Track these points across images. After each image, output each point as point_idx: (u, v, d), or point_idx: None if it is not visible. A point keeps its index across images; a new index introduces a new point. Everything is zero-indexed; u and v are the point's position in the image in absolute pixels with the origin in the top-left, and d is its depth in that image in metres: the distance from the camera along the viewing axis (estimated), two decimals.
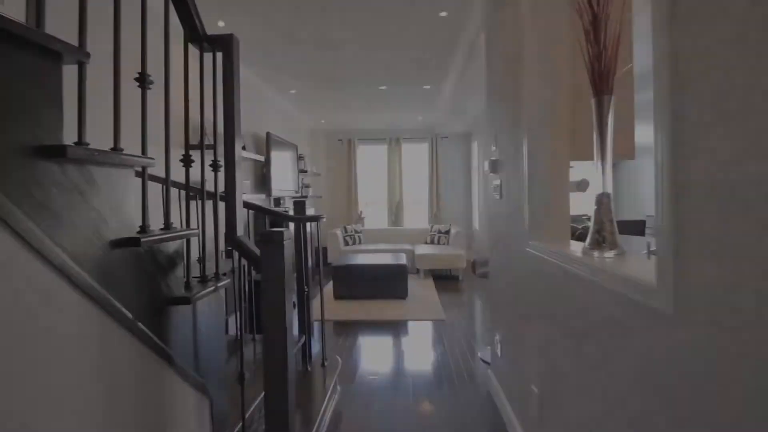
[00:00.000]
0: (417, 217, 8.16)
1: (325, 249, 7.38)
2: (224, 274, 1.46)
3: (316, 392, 2.34)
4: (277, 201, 5.23)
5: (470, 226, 7.92)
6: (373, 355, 3.26)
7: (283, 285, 1.35)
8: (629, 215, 6.88)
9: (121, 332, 0.99)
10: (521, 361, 1.92)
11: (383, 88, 5.33)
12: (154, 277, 1.14)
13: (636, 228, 4.51)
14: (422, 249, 6.32)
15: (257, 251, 1.40)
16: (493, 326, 2.58)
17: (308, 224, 2.62)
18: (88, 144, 0.93)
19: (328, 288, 5.44)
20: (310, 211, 5.76)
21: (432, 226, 7.13)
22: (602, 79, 1.23)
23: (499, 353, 2.34)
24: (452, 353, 3.25)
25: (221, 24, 3.38)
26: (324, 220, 2.60)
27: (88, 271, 0.88)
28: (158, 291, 1.14)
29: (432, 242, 6.98)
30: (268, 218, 4.11)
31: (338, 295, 4.87)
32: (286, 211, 4.72)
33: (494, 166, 2.37)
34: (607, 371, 1.09)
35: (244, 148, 4.13)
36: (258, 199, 4.67)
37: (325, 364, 2.59)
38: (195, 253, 2.43)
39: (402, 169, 7.94)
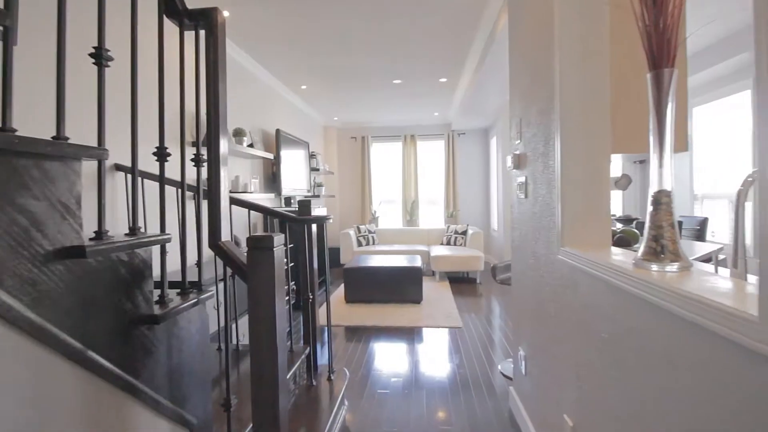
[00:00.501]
0: (432, 217, 7.91)
1: (337, 250, 7.21)
2: (205, 285, 1.27)
3: (321, 409, 2.14)
4: (288, 200, 5.07)
5: (488, 227, 7.63)
6: (385, 366, 3.05)
7: (272, 299, 1.15)
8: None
9: (65, 367, 0.80)
10: (551, 385, 1.68)
11: (397, 82, 5.11)
12: (116, 294, 0.95)
13: None
14: (438, 250, 6.08)
15: (245, 259, 1.21)
16: (515, 339, 2.33)
17: (314, 225, 2.43)
18: (14, 130, 0.75)
19: (339, 291, 5.25)
20: (320, 212, 5.59)
21: (448, 227, 6.88)
22: (662, 48, 0.99)
23: (523, 371, 2.10)
24: (470, 365, 3.01)
25: (226, 14, 3.22)
26: (331, 220, 2.40)
27: (13, 293, 0.69)
28: (121, 310, 0.96)
29: (448, 243, 6.73)
30: (277, 220, 3.96)
31: (350, 299, 4.68)
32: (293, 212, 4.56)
33: (518, 162, 2.13)
34: (667, 412, 0.85)
35: (251, 145, 3.98)
36: (267, 198, 4.51)
37: (332, 377, 2.39)
38: (191, 259, 2.25)
39: (417, 167, 7.71)
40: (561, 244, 1.50)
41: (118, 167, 2.36)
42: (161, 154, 1.20)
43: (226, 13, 3.20)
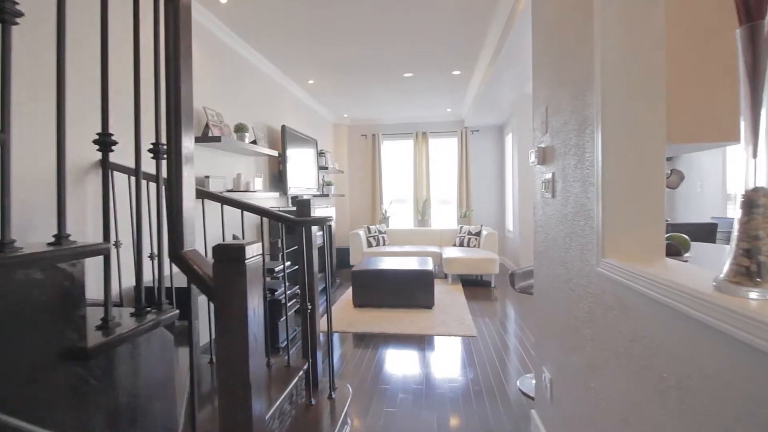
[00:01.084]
0: (445, 217, 7.64)
1: (347, 250, 7.00)
2: (170, 303, 1.05)
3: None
4: (295, 200, 4.86)
5: (503, 228, 7.33)
6: (393, 379, 2.81)
7: (245, 326, 0.92)
8: (685, 217, 6.10)
9: None
10: (586, 423, 1.42)
11: (409, 75, 4.86)
12: (27, 324, 0.73)
13: (701, 233, 3.83)
14: (450, 252, 5.81)
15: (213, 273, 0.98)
16: (538, 356, 2.07)
17: (314, 228, 2.20)
18: None
19: (348, 294, 5.03)
20: (329, 211, 5.37)
21: (461, 227, 6.60)
22: None
23: (548, 395, 1.83)
24: (485, 379, 2.75)
25: (223, 1, 3.01)
26: (332, 222, 2.17)
27: None
28: (35, 345, 0.74)
29: (461, 244, 6.45)
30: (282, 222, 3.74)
31: (358, 303, 4.45)
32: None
33: (543, 156, 1.86)
34: None
35: (254, 142, 3.78)
36: (272, 197, 4.31)
37: (333, 395, 2.16)
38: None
39: (429, 165, 7.45)
40: (602, 254, 1.24)
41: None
42: (104, 142, 0.97)
43: (223, 0, 2.99)
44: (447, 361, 3.07)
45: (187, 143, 1.07)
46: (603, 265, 1.23)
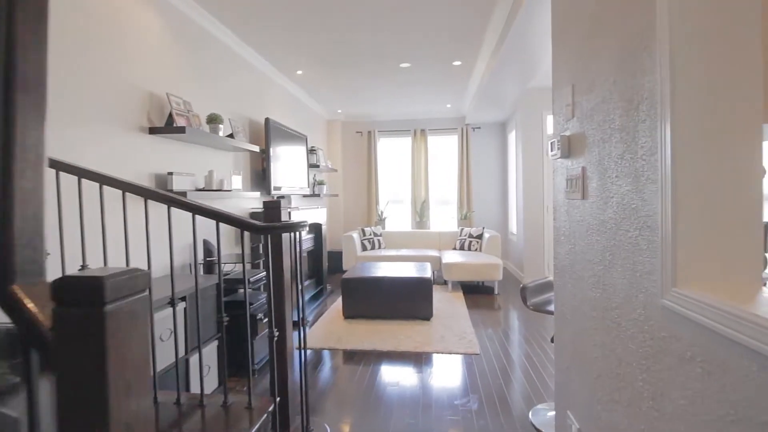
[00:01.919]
0: (444, 218, 7.25)
1: (339, 254, 6.61)
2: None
3: None
4: (266, 203, 4.47)
5: (506, 231, 6.95)
6: (384, 410, 2.43)
7: (103, 416, 0.53)
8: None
9: None
10: None
11: (405, 65, 4.47)
12: None
13: None
14: (450, 256, 5.43)
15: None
16: (561, 399, 1.68)
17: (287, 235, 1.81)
18: None
19: (338, 304, 4.64)
20: (320, 213, 4.99)
21: (462, 230, 6.22)
22: None
23: None
24: (491, 409, 2.36)
25: None
26: (306, 228, 1.78)
27: None
28: None
29: (462, 248, 6.07)
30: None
31: (348, 315, 4.06)
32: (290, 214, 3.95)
33: (568, 147, 1.48)
34: None
35: (231, 135, 3.39)
36: (253, 197, 3.92)
37: None
38: None
39: (428, 164, 7.06)
40: (672, 281, 0.85)
41: None
42: None
43: None
44: (447, 386, 2.69)
45: (34, 132, 0.68)
46: (674, 297, 0.84)
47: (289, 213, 3.96)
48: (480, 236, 5.98)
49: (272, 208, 1.80)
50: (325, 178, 6.71)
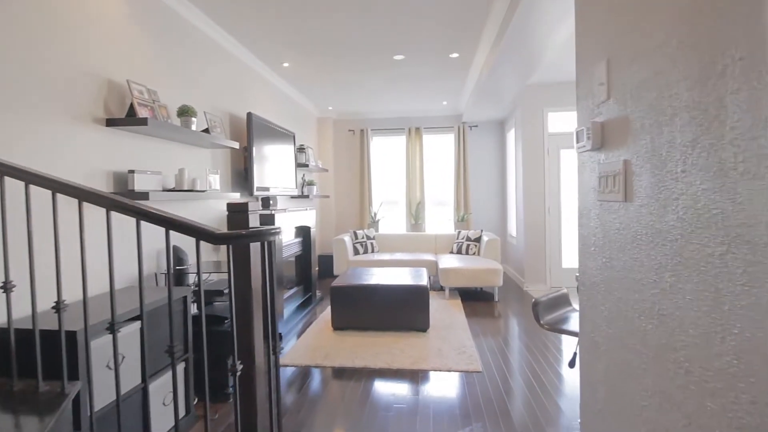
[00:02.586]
0: (441, 220, 6.96)
1: (330, 258, 6.30)
2: None
3: None
4: (266, 202, 4.16)
5: (505, 233, 6.67)
6: None
7: None
8: None
9: None
10: None
11: (399, 58, 4.18)
12: None
13: None
14: (447, 261, 5.13)
15: None
16: None
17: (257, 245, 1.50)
18: None
19: (327, 314, 4.32)
20: (309, 215, 4.68)
21: (459, 232, 5.93)
22: None
23: None
24: None
25: None
26: (279, 234, 1.46)
27: None
28: None
29: (459, 251, 5.78)
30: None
31: (338, 325, 3.75)
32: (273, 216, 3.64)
33: (601, 136, 1.19)
34: None
35: (206, 130, 3.07)
36: (232, 199, 3.60)
37: None
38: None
39: (423, 164, 6.77)
40: None
41: None
42: None
43: None
44: (447, 411, 2.38)
45: None
46: None
47: (273, 215, 3.65)
48: (478, 239, 5.70)
49: (238, 211, 1.49)
50: (315, 179, 6.40)
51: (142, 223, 1.36)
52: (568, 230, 5.31)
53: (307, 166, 5.40)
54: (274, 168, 4.31)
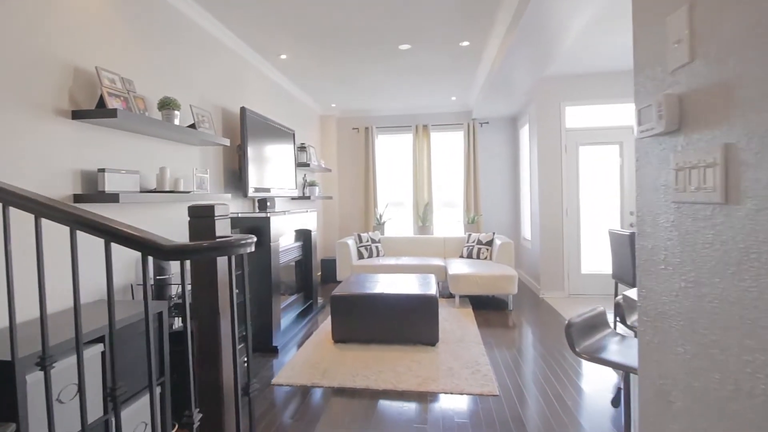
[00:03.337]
0: (449, 222, 6.63)
1: (333, 262, 6.01)
2: None
3: None
4: (263, 203, 3.87)
5: (518, 236, 6.32)
6: None
7: None
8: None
9: None
10: None
11: (405, 47, 3.87)
12: None
13: None
14: (458, 266, 4.80)
15: None
16: None
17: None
18: None
19: (327, 324, 4.02)
20: (311, 217, 4.39)
21: (469, 235, 5.60)
22: None
23: None
24: None
25: None
26: (251, 246, 1.15)
27: None
28: None
29: (469, 256, 5.45)
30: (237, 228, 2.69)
31: (338, 338, 3.45)
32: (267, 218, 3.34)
33: (679, 113, 0.86)
34: None
35: (193, 126, 2.79)
36: (222, 200, 3.32)
37: None
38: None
39: (431, 163, 6.45)
40: None
41: None
42: None
43: None
44: None
45: None
46: None
47: (269, 219, 3.36)
48: (490, 243, 5.36)
49: (201, 217, 1.19)
50: (317, 179, 6.11)
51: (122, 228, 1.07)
52: (588, 233, 4.95)
53: (308, 165, 5.11)
54: (272, 167, 4.03)
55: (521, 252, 6.17)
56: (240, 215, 3.42)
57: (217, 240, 1.10)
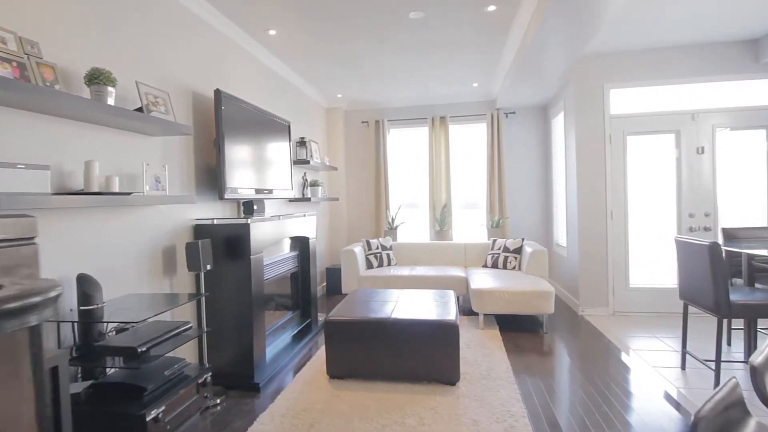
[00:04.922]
0: (471, 226, 5.90)
1: (339, 272, 5.37)
2: None
3: None
4: (250, 207, 3.25)
5: (550, 242, 5.55)
6: None
7: None
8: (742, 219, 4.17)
9: None
10: None
11: (417, 15, 3.19)
12: None
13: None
14: (481, 278, 4.09)
15: None
16: None
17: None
18: None
19: (320, 356, 3.36)
20: (309, 221, 3.76)
21: (494, 241, 4.87)
22: None
23: None
24: None
25: None
26: (54, 304, 0.50)
27: None
28: None
29: (494, 265, 4.72)
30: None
31: (335, 373, 2.79)
32: (248, 225, 2.72)
33: None
34: None
35: (140, 109, 2.17)
36: (186, 207, 2.70)
37: None
38: None
39: (449, 159, 5.74)
40: None
41: None
42: None
43: None
44: None
45: None
46: None
47: (248, 225, 2.73)
48: (518, 250, 4.62)
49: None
50: (322, 178, 5.48)
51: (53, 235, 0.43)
52: (638, 239, 4.16)
53: (308, 162, 4.49)
54: (261, 164, 3.41)
55: (554, 260, 5.39)
56: (216, 222, 2.80)
57: None
